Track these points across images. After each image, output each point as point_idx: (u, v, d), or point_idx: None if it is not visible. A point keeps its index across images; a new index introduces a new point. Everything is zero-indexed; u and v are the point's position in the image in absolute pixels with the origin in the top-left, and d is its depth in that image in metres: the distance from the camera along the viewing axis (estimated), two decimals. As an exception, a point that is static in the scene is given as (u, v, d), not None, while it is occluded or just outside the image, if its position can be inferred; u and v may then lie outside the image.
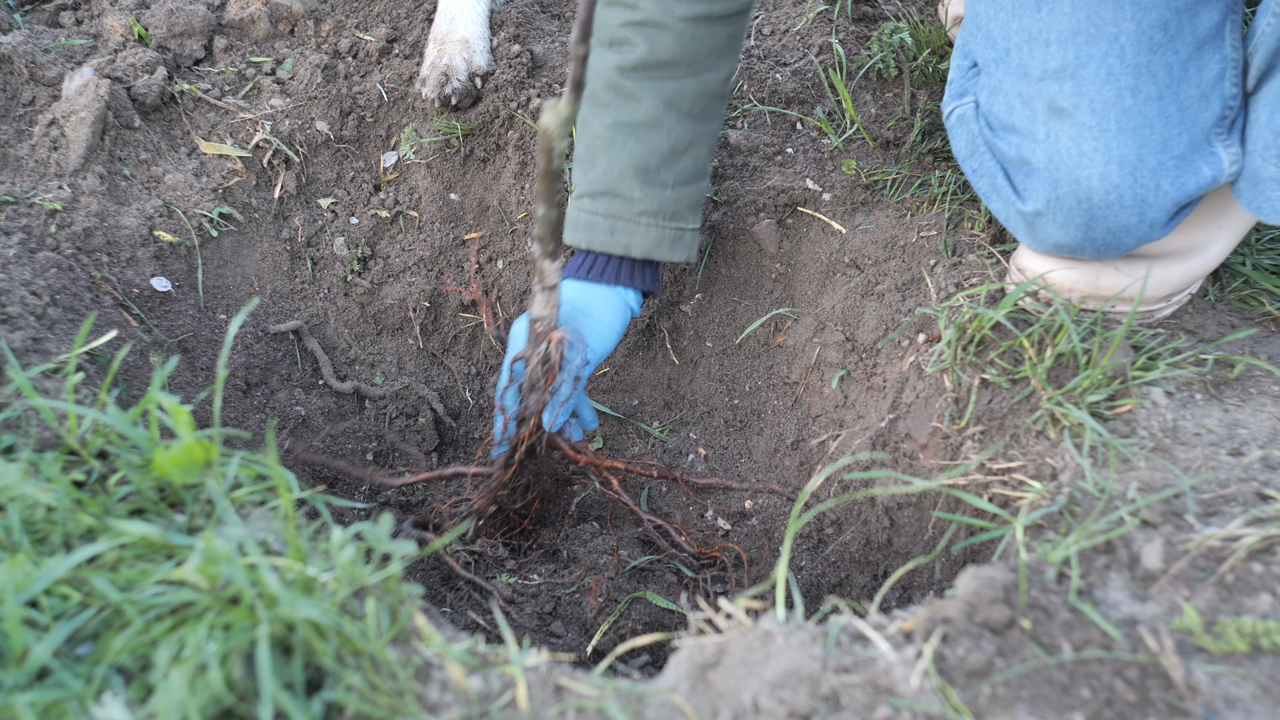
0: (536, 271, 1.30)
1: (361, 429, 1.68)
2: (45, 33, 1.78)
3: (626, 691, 0.80)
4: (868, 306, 1.51)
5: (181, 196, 1.62)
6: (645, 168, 1.42)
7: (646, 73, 1.40)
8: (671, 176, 1.44)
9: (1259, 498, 0.98)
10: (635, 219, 1.44)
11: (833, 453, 1.49)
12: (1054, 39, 1.15)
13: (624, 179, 1.43)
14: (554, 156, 1.13)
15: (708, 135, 1.48)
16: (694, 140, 1.45)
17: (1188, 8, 1.12)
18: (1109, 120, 1.12)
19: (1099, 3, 1.12)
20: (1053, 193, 1.17)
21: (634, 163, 1.42)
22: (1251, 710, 0.79)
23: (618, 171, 1.43)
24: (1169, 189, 1.14)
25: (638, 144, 1.42)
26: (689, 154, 1.45)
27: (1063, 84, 1.14)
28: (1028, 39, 1.17)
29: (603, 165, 1.44)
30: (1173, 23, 1.11)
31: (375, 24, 1.93)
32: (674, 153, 1.43)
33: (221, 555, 0.75)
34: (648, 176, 1.43)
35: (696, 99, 1.43)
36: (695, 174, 1.47)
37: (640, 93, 1.40)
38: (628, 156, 1.42)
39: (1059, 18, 1.14)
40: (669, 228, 1.45)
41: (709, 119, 1.46)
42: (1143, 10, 1.11)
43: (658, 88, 1.40)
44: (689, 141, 1.44)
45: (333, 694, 0.73)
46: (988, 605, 0.85)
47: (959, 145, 1.31)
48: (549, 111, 1.08)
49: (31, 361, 1.11)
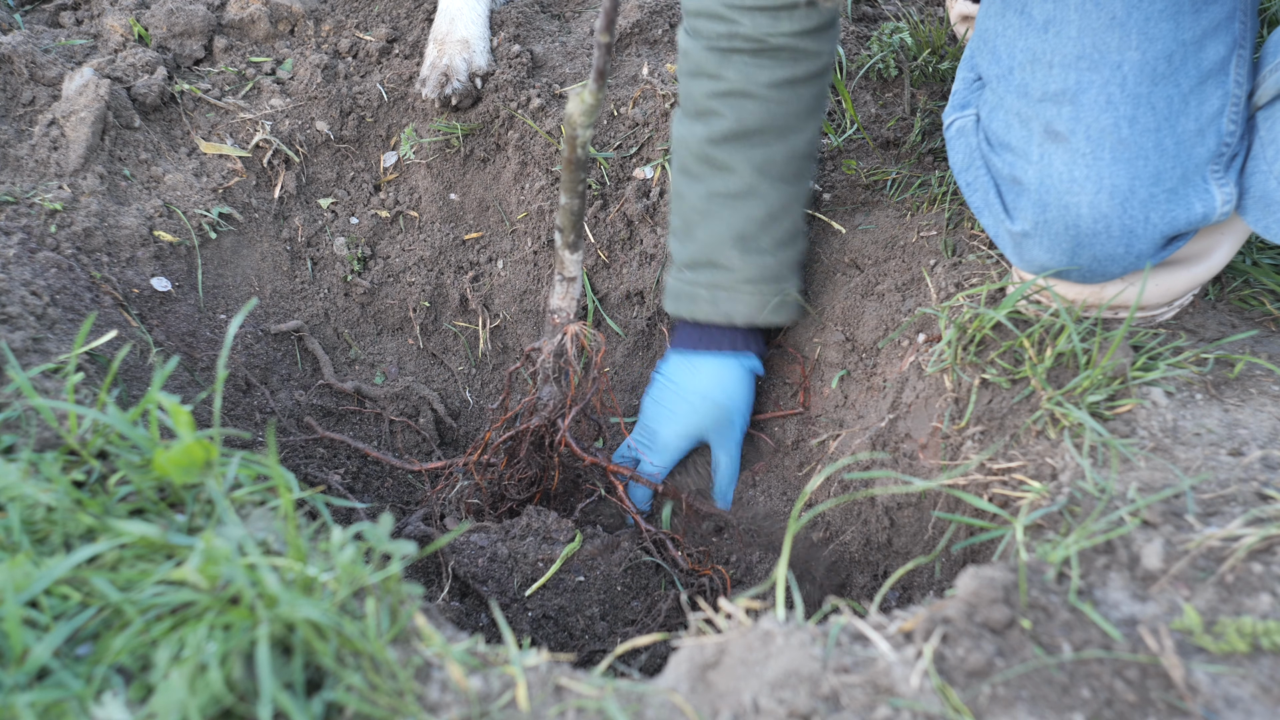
0: (557, 262, 1.29)
1: (362, 429, 1.68)
2: (45, 33, 1.78)
3: (626, 691, 0.80)
4: (868, 306, 1.51)
5: (181, 196, 1.62)
6: (743, 236, 1.44)
7: (736, 142, 1.41)
8: (770, 241, 1.46)
9: (1259, 498, 0.98)
10: (736, 287, 1.47)
11: (833, 453, 1.49)
12: (1057, 62, 1.14)
13: (723, 249, 1.45)
14: (578, 145, 1.13)
15: (801, 196, 1.49)
16: (789, 203, 1.47)
17: (1195, 41, 1.11)
18: (1103, 148, 1.12)
19: (1105, 29, 1.11)
20: (1041, 215, 1.17)
21: (731, 232, 1.44)
22: (1251, 710, 0.79)
23: (716, 242, 1.45)
24: (1158, 222, 1.13)
25: (734, 213, 1.44)
26: (786, 217, 1.47)
27: (1061, 108, 1.14)
28: (1031, 59, 1.17)
29: (701, 237, 1.46)
30: (1178, 55, 1.11)
31: (375, 24, 1.93)
32: (771, 218, 1.45)
33: (221, 555, 0.75)
34: (746, 245, 1.45)
35: (788, 162, 1.44)
36: (793, 235, 1.49)
37: (732, 163, 1.42)
38: (724, 226, 1.44)
39: (1064, 41, 1.13)
40: (769, 292, 1.48)
41: (801, 180, 1.48)
42: (1149, 40, 1.10)
43: (749, 156, 1.42)
44: (784, 205, 1.46)
45: (333, 694, 0.73)
46: (988, 605, 0.85)
47: (956, 157, 1.31)
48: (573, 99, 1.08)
49: (31, 361, 1.11)
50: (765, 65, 1.37)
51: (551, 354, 1.35)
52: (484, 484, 1.48)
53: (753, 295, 1.47)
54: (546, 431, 1.44)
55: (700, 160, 1.44)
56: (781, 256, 1.48)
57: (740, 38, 1.35)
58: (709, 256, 1.46)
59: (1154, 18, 1.10)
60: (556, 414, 1.43)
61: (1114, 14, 1.11)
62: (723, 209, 1.44)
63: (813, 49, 1.38)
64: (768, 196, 1.44)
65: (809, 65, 1.39)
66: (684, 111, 1.46)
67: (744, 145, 1.42)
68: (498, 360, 1.84)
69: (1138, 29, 1.10)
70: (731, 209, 1.44)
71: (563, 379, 1.41)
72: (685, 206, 1.47)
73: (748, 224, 1.44)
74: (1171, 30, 1.10)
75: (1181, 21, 1.10)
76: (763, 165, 1.42)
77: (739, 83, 1.38)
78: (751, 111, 1.39)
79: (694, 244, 1.47)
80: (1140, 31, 1.10)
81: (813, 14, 1.35)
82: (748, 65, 1.37)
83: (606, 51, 1.02)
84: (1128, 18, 1.10)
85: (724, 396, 1.51)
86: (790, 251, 1.50)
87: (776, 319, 1.50)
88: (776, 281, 1.48)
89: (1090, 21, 1.12)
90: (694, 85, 1.42)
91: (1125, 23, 1.10)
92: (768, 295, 1.48)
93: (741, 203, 1.43)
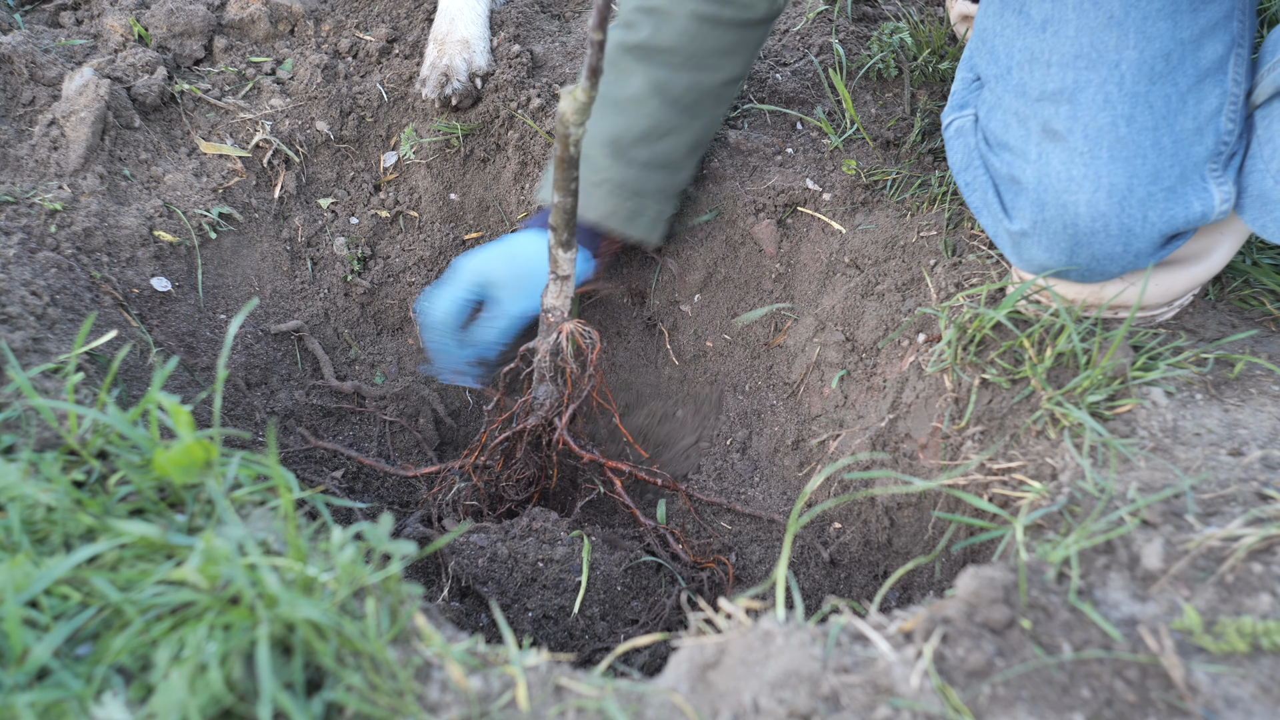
0: (551, 260, 1.29)
1: (362, 429, 1.68)
2: (45, 33, 1.78)
3: (626, 691, 0.80)
4: (868, 306, 1.51)
5: (181, 196, 1.62)
6: (617, 141, 1.45)
7: (644, 54, 1.43)
8: (643, 155, 1.46)
9: (1259, 498, 0.98)
10: (595, 186, 1.47)
11: (833, 453, 1.49)
12: (1055, 61, 1.14)
13: (594, 147, 1.45)
14: (570, 143, 1.13)
15: (694, 129, 1.49)
16: (675, 129, 1.47)
17: (1193, 40, 1.11)
18: (1101, 147, 1.12)
19: (1103, 29, 1.11)
20: (1039, 214, 1.16)
21: (608, 134, 1.45)
22: (1251, 710, 0.79)
23: (591, 139, 1.45)
24: (1156, 220, 1.13)
25: (616, 117, 1.45)
26: (666, 140, 1.47)
27: (1059, 107, 1.14)
28: (1029, 58, 1.17)
29: None
30: (1176, 54, 1.11)
31: (375, 24, 1.93)
32: (650, 134, 1.46)
33: (221, 555, 0.75)
34: (618, 150, 1.45)
35: (688, 91, 1.45)
36: (669, 162, 1.49)
37: (633, 70, 1.44)
38: (604, 127, 1.45)
39: (1062, 40, 1.13)
40: (628, 200, 1.47)
41: (698, 114, 1.48)
42: (1146, 40, 1.10)
43: (650, 71, 1.44)
44: (669, 128, 1.47)
45: (333, 694, 0.73)
46: (988, 605, 0.85)
47: (955, 157, 1.31)
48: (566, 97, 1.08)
49: (31, 361, 1.11)
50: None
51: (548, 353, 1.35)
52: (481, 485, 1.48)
53: (608, 198, 1.47)
54: (544, 431, 1.44)
55: (607, 63, 1.44)
56: (651, 175, 1.48)
57: None
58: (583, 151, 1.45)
59: (1152, 17, 1.10)
60: (554, 413, 1.43)
61: (1112, 13, 1.11)
62: (608, 110, 1.45)
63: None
64: (654, 114, 1.45)
65: (738, 10, 1.41)
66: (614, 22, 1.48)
67: (648, 60, 1.44)
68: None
69: (1135, 28, 1.10)
70: (615, 112, 1.45)
71: (559, 377, 1.41)
72: None
73: (625, 131, 1.45)
74: (1169, 29, 1.10)
75: (1179, 21, 1.10)
76: (660, 84, 1.44)
77: (665, 2, 1.41)
78: (666, 32, 1.42)
79: None
80: (1138, 30, 1.10)
81: None
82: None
83: (599, 49, 1.02)
84: (1125, 17, 1.10)
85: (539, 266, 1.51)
86: (662, 175, 1.50)
87: (629, 229, 1.50)
88: (637, 196, 1.49)
89: (1088, 21, 1.12)
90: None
91: (1123, 22, 1.10)
92: (624, 203, 1.48)
93: (626, 110, 1.45)
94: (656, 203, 1.51)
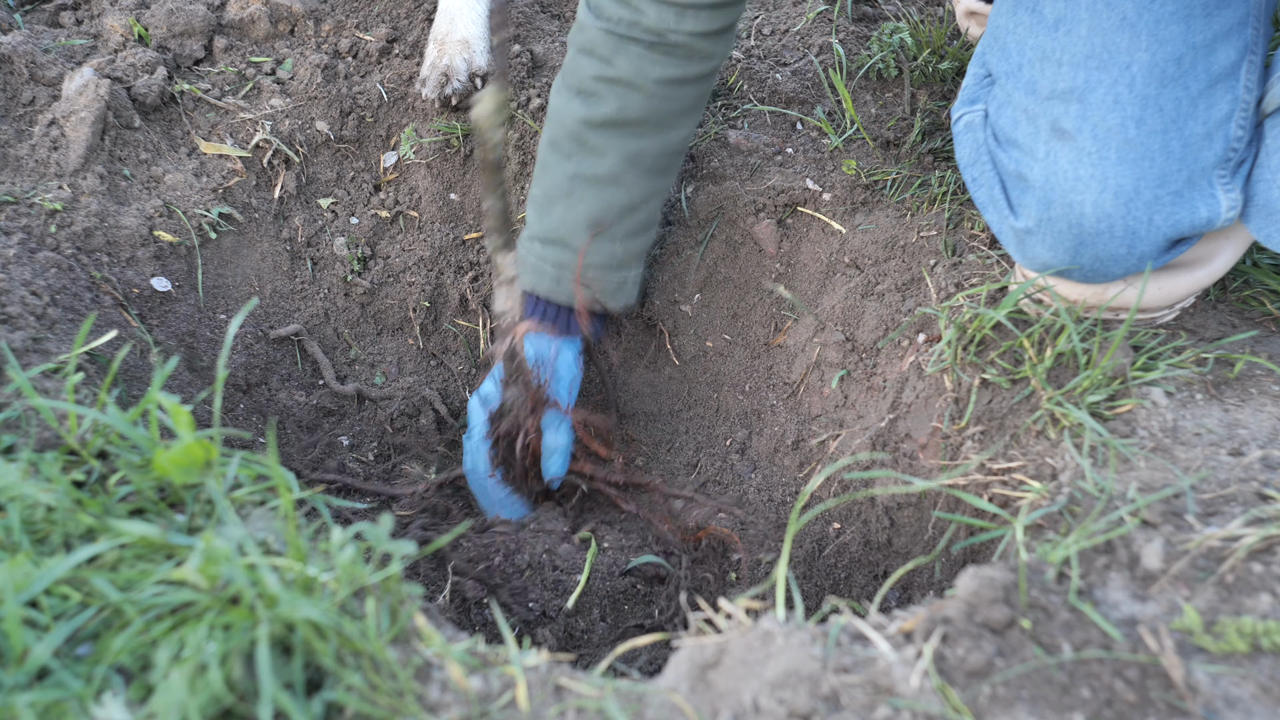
0: (493, 266, 1.30)
1: (363, 429, 1.68)
2: (45, 33, 1.78)
3: (626, 691, 0.80)
4: (868, 306, 1.51)
5: (181, 196, 1.62)
6: (599, 222, 1.44)
7: (613, 130, 1.40)
8: (623, 230, 1.47)
9: (1259, 498, 0.98)
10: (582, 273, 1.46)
11: (833, 453, 1.49)
12: (1066, 60, 1.14)
13: (576, 231, 1.45)
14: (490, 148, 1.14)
15: (664, 189, 1.50)
16: (650, 195, 1.47)
17: (1205, 44, 1.10)
18: (1109, 148, 1.11)
19: (1115, 30, 1.11)
20: (1045, 213, 1.16)
21: (589, 216, 1.44)
22: (1251, 710, 0.79)
23: (571, 222, 1.44)
24: (1161, 224, 1.13)
25: (595, 198, 1.43)
26: (644, 208, 1.47)
27: (1068, 106, 1.13)
28: (1041, 57, 1.16)
29: (558, 213, 1.45)
30: (1188, 58, 1.10)
31: (375, 24, 1.93)
32: (629, 208, 1.45)
33: (221, 555, 0.75)
34: (600, 231, 1.45)
35: (659, 157, 1.44)
36: (645, 225, 1.50)
37: (605, 148, 1.41)
38: (584, 209, 1.44)
39: (1074, 40, 1.13)
40: (612, 279, 1.49)
41: (667, 174, 1.49)
42: (1159, 42, 1.10)
43: (623, 145, 1.41)
44: (645, 197, 1.46)
45: (333, 694, 0.73)
46: (988, 605, 0.85)
47: (963, 152, 1.31)
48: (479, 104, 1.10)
49: (31, 361, 1.11)
50: (659, 60, 1.36)
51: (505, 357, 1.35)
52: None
53: (596, 280, 1.47)
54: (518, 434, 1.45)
55: (573, 139, 1.43)
56: (629, 245, 1.49)
57: (641, 28, 1.34)
58: (561, 235, 1.45)
59: (1165, 20, 1.10)
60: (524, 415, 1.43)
61: (1125, 14, 1.10)
62: (585, 191, 1.43)
63: (708, 50, 1.38)
64: (631, 187, 1.44)
65: (701, 66, 1.39)
66: (565, 83, 1.44)
67: (619, 134, 1.41)
68: (498, 360, 1.84)
69: (1148, 30, 1.10)
70: (594, 193, 1.43)
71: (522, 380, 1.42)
72: (549, 180, 1.46)
73: (605, 211, 1.44)
74: (1182, 33, 1.10)
75: (1193, 24, 1.10)
76: (634, 156, 1.42)
77: (628, 73, 1.37)
78: (635, 104, 1.39)
79: (550, 220, 1.46)
80: (1150, 33, 1.10)
81: (717, 15, 1.34)
82: (641, 58, 1.36)
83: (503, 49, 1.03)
84: (1138, 19, 1.10)
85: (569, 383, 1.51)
86: (639, 240, 1.50)
87: (613, 303, 1.51)
88: (620, 269, 1.49)
89: (1101, 21, 1.12)
90: (582, 62, 1.39)
91: (1136, 24, 1.10)
92: (608, 280, 1.49)
93: (605, 189, 1.43)
94: (635, 267, 1.52)
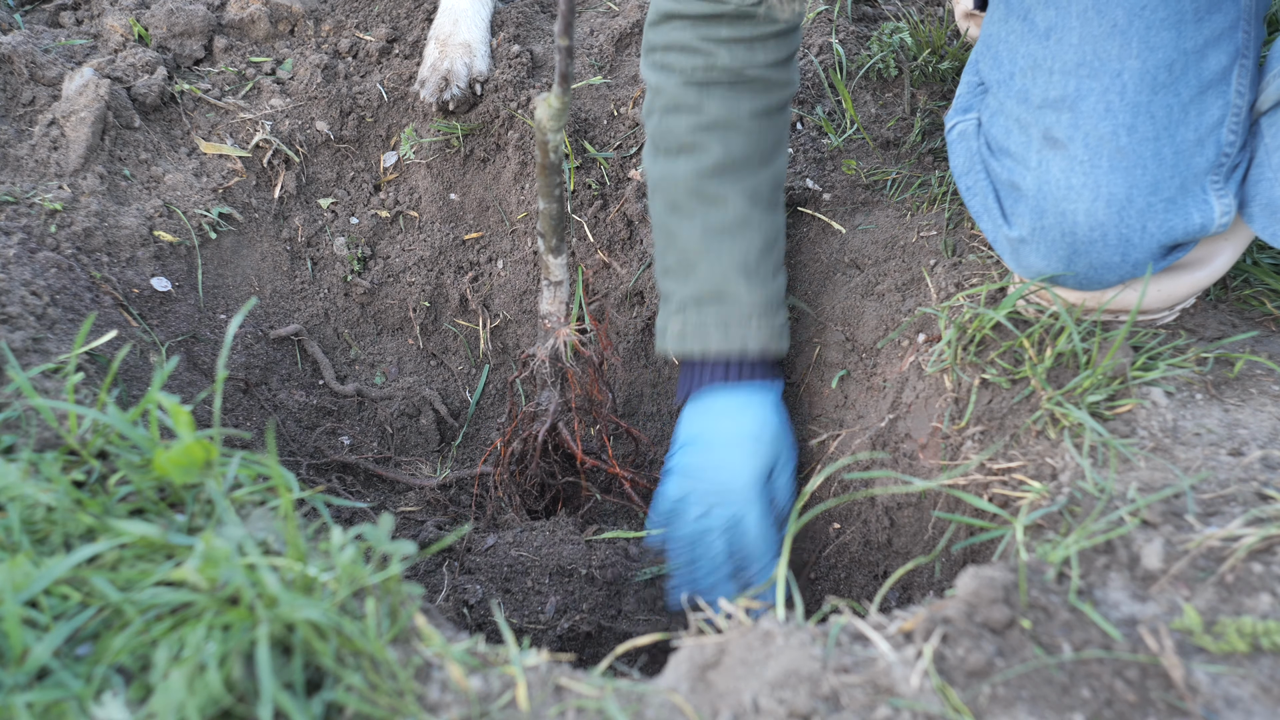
0: (543, 267, 1.30)
1: (363, 430, 1.68)
2: (45, 33, 1.78)
3: (626, 691, 0.80)
4: (868, 306, 1.51)
5: (181, 196, 1.63)
6: (747, 266, 1.42)
7: (727, 174, 1.41)
8: (769, 269, 1.45)
9: (1259, 498, 0.98)
10: (747, 320, 1.43)
11: (833, 453, 1.49)
12: (1057, 68, 1.14)
13: (730, 281, 1.42)
14: (549, 150, 1.14)
15: (783, 225, 1.50)
16: (778, 232, 1.47)
17: (1196, 50, 1.10)
18: (1101, 156, 1.11)
19: (1106, 37, 1.11)
20: (1038, 222, 1.16)
21: (735, 263, 1.42)
22: (1251, 710, 0.79)
23: (722, 275, 1.42)
24: (1155, 231, 1.12)
25: (735, 245, 1.42)
26: (776, 247, 1.47)
27: (1060, 114, 1.13)
28: (1032, 65, 1.16)
29: (704, 272, 1.43)
30: (1179, 64, 1.10)
31: (375, 24, 1.93)
32: (767, 246, 1.45)
33: (221, 555, 0.75)
34: (750, 275, 1.43)
35: (773, 190, 1.46)
36: (780, 266, 1.49)
37: (726, 194, 1.41)
38: (728, 259, 1.42)
39: (1065, 48, 1.13)
40: (776, 322, 1.46)
41: (781, 209, 1.49)
42: (1149, 49, 1.09)
43: (741, 186, 1.42)
44: (775, 234, 1.46)
45: (333, 694, 0.73)
46: (988, 605, 0.85)
47: (957, 160, 1.31)
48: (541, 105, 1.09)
49: (31, 361, 1.11)
50: (745, 96, 1.39)
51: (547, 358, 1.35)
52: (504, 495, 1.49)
53: (762, 324, 1.44)
54: (549, 437, 1.45)
55: (692, 195, 1.42)
56: (778, 283, 1.47)
57: (718, 69, 1.36)
58: (716, 290, 1.43)
59: (1155, 26, 1.09)
60: (558, 417, 1.43)
61: (1115, 22, 1.10)
62: (723, 241, 1.42)
63: (782, 79, 1.41)
64: (762, 225, 1.44)
65: (780, 95, 1.42)
66: (658, 149, 1.44)
67: (734, 176, 1.42)
68: (498, 360, 1.84)
69: (1139, 37, 1.10)
70: (732, 240, 1.42)
71: (561, 383, 1.42)
72: (681, 244, 1.45)
73: (749, 254, 1.43)
74: (1173, 39, 1.10)
75: (1184, 31, 1.10)
76: (753, 194, 1.43)
77: (722, 114, 1.38)
78: (738, 142, 1.40)
79: (697, 280, 1.44)
80: (1141, 40, 1.10)
81: (783, 43, 1.38)
82: (728, 97, 1.38)
83: (568, 55, 1.03)
84: (1129, 26, 1.10)
85: (779, 421, 1.45)
86: (782, 279, 1.49)
87: (781, 347, 1.47)
88: (778, 310, 1.47)
89: (1091, 29, 1.11)
90: (673, 121, 1.41)
91: (1126, 31, 1.10)
92: (774, 323, 1.46)
93: (740, 233, 1.42)
94: (784, 311, 1.49)
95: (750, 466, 1.39)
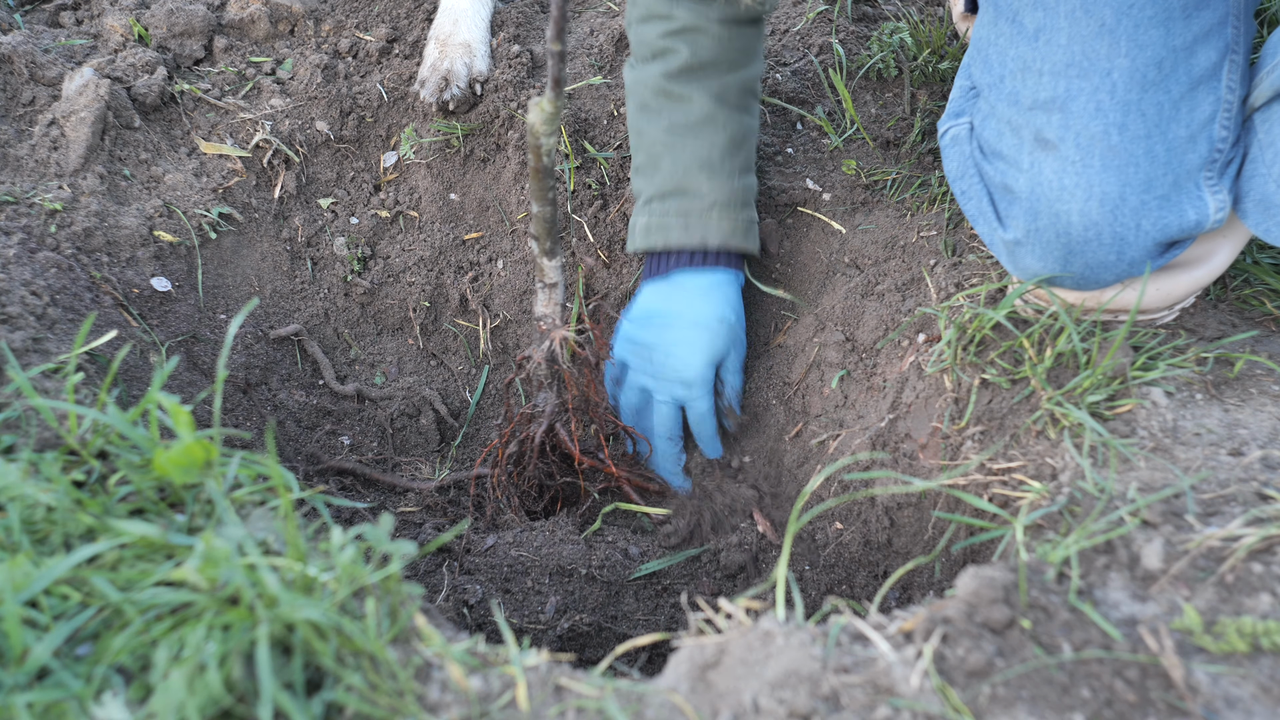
0: (537, 270, 1.30)
1: (364, 430, 1.68)
2: (45, 33, 1.78)
3: (626, 691, 0.80)
4: (868, 306, 1.51)
5: (181, 196, 1.63)
6: (709, 161, 1.49)
7: (693, 74, 1.49)
8: (733, 167, 1.51)
9: (1259, 498, 0.98)
10: (707, 212, 1.50)
11: (833, 453, 1.49)
12: (1047, 70, 1.14)
13: (690, 175, 1.49)
14: (543, 153, 1.14)
15: (754, 130, 1.55)
16: (745, 133, 1.53)
17: (1185, 47, 1.10)
18: (1093, 156, 1.11)
19: (1094, 37, 1.11)
20: (1032, 223, 1.16)
21: (697, 159, 1.49)
22: (1251, 710, 0.79)
23: (683, 169, 1.49)
24: (1150, 229, 1.12)
25: (697, 140, 1.49)
26: (744, 146, 1.53)
27: (1051, 115, 1.13)
28: (1022, 67, 1.16)
29: (667, 167, 1.51)
30: (1168, 61, 1.10)
31: (375, 24, 1.93)
32: (732, 144, 1.51)
33: (221, 555, 0.75)
34: (713, 170, 1.49)
35: (741, 94, 1.52)
36: (748, 165, 1.54)
37: (690, 93, 1.49)
38: (690, 154, 1.49)
39: (1054, 49, 1.13)
40: (740, 217, 1.52)
41: (751, 112, 1.55)
42: (1138, 47, 1.10)
43: (706, 86, 1.49)
44: (742, 134, 1.52)
45: (333, 694, 0.73)
46: (988, 605, 0.85)
47: (951, 165, 1.31)
48: (534, 109, 1.09)
49: (31, 361, 1.11)
50: (714, 5, 1.46)
51: (543, 360, 1.35)
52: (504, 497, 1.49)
53: (723, 218, 1.50)
54: (546, 438, 1.44)
55: (659, 94, 1.50)
56: (743, 183, 1.52)
57: None
58: (678, 184, 1.50)
59: (1144, 24, 1.10)
60: (555, 419, 1.43)
61: (1104, 21, 1.10)
62: (686, 137, 1.49)
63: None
64: (727, 124, 1.50)
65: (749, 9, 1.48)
66: (636, 58, 1.54)
67: (700, 76, 1.49)
68: (498, 360, 1.84)
69: (1127, 36, 1.10)
70: (695, 136, 1.49)
71: (558, 384, 1.41)
72: (647, 142, 1.52)
73: (711, 150, 1.49)
74: (1162, 37, 1.10)
75: (1172, 28, 1.10)
76: (719, 94, 1.49)
77: (691, 19, 1.47)
78: (705, 45, 1.48)
79: (661, 175, 1.51)
80: (1130, 38, 1.10)
81: None
82: (696, 6, 1.46)
83: (560, 60, 1.03)
84: (1117, 25, 1.10)
85: (735, 314, 1.53)
86: (749, 179, 1.54)
87: (746, 244, 1.53)
88: (743, 207, 1.52)
89: (1080, 29, 1.12)
90: (646, 29, 1.50)
91: (1115, 30, 1.10)
92: (736, 219, 1.52)
93: (703, 130, 1.49)
94: (751, 210, 1.55)
95: (702, 356, 1.50)
